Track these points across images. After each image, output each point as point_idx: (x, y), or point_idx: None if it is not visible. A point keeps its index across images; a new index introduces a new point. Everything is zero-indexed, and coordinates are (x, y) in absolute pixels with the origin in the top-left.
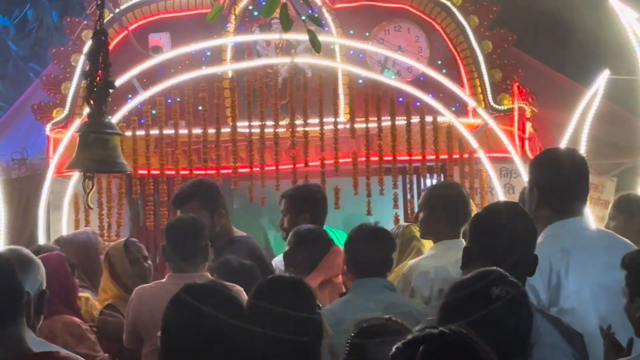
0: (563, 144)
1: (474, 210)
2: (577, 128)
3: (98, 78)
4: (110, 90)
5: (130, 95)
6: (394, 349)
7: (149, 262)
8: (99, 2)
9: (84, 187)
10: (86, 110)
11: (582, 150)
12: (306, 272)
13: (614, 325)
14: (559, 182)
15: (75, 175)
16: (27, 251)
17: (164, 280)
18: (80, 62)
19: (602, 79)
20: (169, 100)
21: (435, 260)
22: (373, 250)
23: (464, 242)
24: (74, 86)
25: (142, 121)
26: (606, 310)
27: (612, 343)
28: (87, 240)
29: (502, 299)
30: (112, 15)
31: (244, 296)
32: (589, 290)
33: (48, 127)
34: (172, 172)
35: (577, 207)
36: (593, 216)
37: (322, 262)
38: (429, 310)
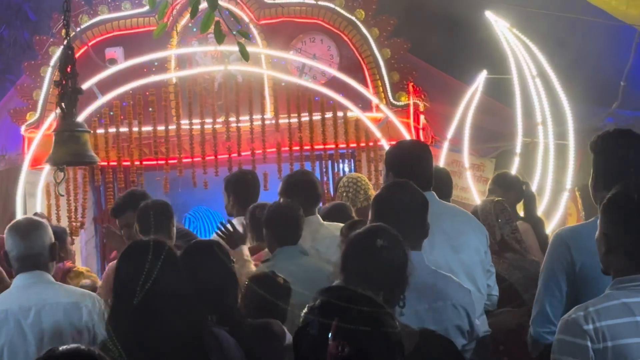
0: (450, 133)
1: (372, 192)
2: (462, 119)
3: (63, 84)
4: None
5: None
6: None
7: None
8: (65, 23)
9: (54, 178)
10: (55, 112)
11: (466, 136)
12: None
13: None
14: (406, 165)
15: (47, 167)
16: (36, 217)
17: None
18: (48, 73)
19: (481, 78)
20: (124, 104)
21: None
22: (288, 223)
23: (319, 217)
24: (43, 93)
25: (102, 121)
26: (455, 265)
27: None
28: None
29: (385, 247)
30: (74, 33)
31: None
32: (440, 251)
33: (23, 127)
34: (128, 163)
35: (427, 184)
36: (476, 191)
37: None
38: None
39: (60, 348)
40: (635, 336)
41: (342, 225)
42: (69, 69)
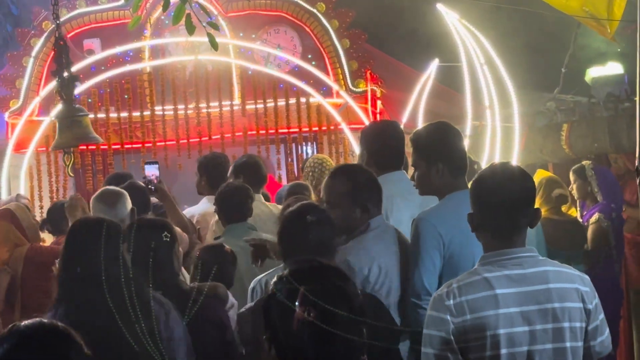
0: (405, 117)
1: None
2: (416, 104)
3: (60, 74)
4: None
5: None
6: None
7: None
8: (54, 16)
9: (64, 161)
10: (36, 100)
11: (420, 120)
12: None
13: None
14: (383, 146)
15: (29, 151)
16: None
17: None
18: (30, 63)
19: (433, 66)
20: (102, 91)
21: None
22: (235, 202)
23: (261, 197)
24: (25, 82)
25: None
26: None
27: None
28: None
29: (314, 222)
30: (53, 25)
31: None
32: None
33: (6, 114)
34: (106, 147)
35: (396, 164)
36: None
37: None
38: None
39: (23, 322)
40: (493, 308)
41: (280, 206)
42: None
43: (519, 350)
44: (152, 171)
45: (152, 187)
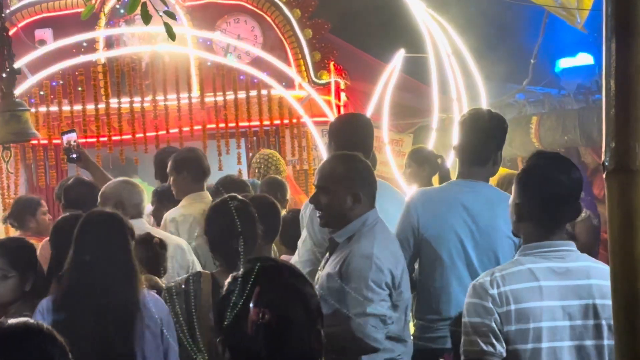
0: (370, 110)
1: (284, 171)
2: (381, 96)
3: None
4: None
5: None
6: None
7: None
8: None
9: (2, 157)
10: None
11: (385, 113)
12: None
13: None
14: (352, 139)
15: None
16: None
17: None
18: None
19: (399, 57)
20: (54, 83)
21: (185, 209)
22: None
23: (208, 194)
24: None
25: (32, 100)
26: None
27: None
28: None
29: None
30: (3, 15)
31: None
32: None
33: None
34: (59, 141)
35: (367, 156)
36: (395, 165)
37: None
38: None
39: (9, 321)
40: (538, 300)
41: None
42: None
43: (560, 344)
44: (71, 138)
45: (74, 155)
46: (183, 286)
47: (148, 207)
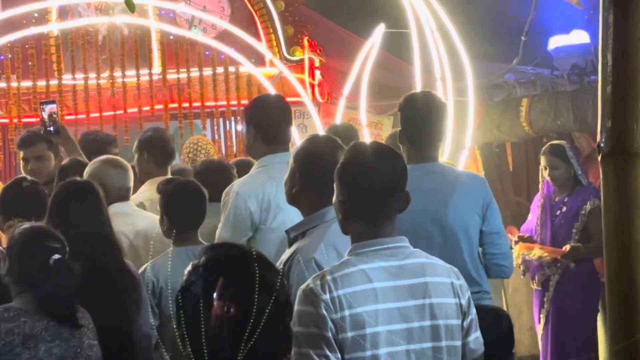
0: (347, 90)
1: (214, 155)
2: (359, 75)
3: None
4: None
5: None
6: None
7: None
8: None
9: None
10: None
11: (363, 93)
12: None
13: None
14: (269, 121)
15: None
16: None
17: None
18: None
19: (378, 32)
20: (1, 57)
21: (151, 193)
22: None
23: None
24: None
25: None
26: None
27: None
28: None
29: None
30: None
31: None
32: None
33: None
34: (6, 120)
35: (284, 142)
36: None
37: None
38: None
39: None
40: (373, 303)
41: None
42: None
43: (398, 349)
44: (52, 109)
45: (51, 128)
46: None
47: None
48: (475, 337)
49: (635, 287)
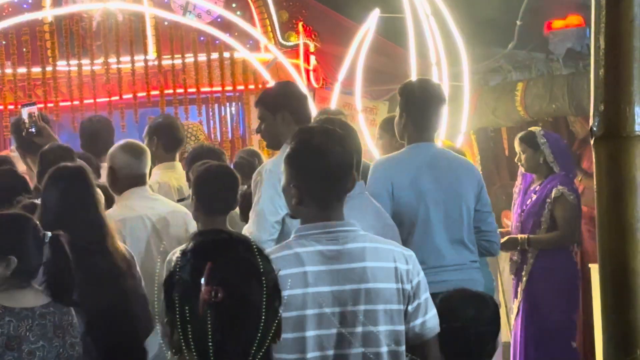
0: (342, 75)
1: (203, 137)
2: (354, 60)
3: None
4: None
5: None
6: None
7: None
8: None
9: None
10: None
11: (358, 78)
12: None
13: None
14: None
15: None
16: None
17: None
18: None
19: (373, 17)
20: None
21: (160, 177)
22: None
23: (180, 166)
24: None
25: None
26: None
27: None
28: None
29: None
30: None
31: None
32: None
33: None
34: (1, 106)
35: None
36: (370, 135)
37: None
38: None
39: None
40: (302, 286)
41: None
42: None
43: (327, 332)
44: (32, 111)
45: (33, 129)
46: None
47: None
48: (422, 322)
49: (627, 271)
